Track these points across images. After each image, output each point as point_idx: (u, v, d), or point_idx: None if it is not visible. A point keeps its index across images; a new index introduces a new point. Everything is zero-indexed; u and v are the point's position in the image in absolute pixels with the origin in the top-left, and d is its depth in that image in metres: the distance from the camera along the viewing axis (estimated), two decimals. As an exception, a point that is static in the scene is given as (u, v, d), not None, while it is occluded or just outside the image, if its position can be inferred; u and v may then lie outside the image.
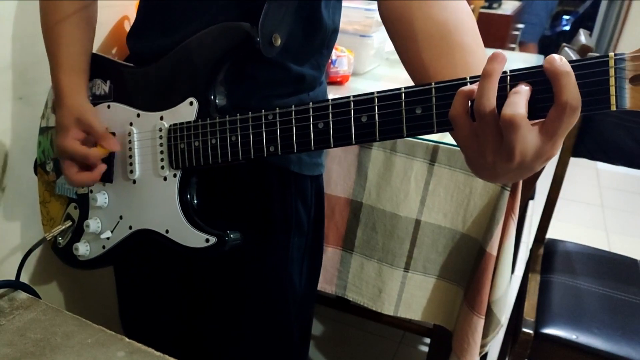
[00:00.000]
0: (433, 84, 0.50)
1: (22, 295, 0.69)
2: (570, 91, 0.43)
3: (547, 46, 4.40)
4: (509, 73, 0.47)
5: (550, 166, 1.18)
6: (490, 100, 0.45)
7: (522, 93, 0.45)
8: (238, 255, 0.70)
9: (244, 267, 0.80)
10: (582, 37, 1.51)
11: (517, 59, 2.04)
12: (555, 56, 0.44)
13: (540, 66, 0.45)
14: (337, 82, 1.35)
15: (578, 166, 2.51)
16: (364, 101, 0.54)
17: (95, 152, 0.72)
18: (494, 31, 3.21)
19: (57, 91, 0.75)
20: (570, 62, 0.45)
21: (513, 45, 3.52)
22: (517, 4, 3.74)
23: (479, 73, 0.47)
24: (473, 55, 0.57)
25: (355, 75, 1.44)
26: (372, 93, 0.54)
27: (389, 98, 0.53)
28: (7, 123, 0.92)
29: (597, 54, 0.45)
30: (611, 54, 0.44)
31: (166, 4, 0.73)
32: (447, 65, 0.57)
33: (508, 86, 0.47)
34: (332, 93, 0.92)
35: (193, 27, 0.69)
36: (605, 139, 1.32)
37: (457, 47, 0.57)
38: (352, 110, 0.55)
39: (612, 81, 0.44)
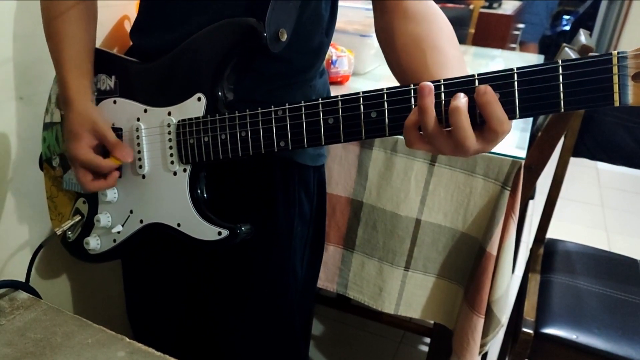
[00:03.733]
0: (442, 80, 0.52)
1: (22, 295, 0.69)
2: (496, 117, 0.50)
3: (548, 46, 4.40)
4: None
5: (551, 166, 1.18)
6: (433, 127, 0.52)
7: (460, 109, 0.50)
8: (243, 245, 0.71)
9: (248, 256, 0.81)
10: (582, 37, 1.51)
11: (518, 59, 2.04)
12: (481, 88, 0.49)
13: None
14: (338, 82, 1.35)
15: (578, 166, 2.52)
16: (374, 97, 0.55)
17: (109, 164, 0.73)
18: (494, 31, 3.20)
19: (65, 95, 0.75)
20: (575, 59, 0.47)
21: (514, 45, 3.52)
22: (518, 3, 3.74)
23: (450, 68, 0.59)
24: (444, 55, 0.65)
25: (355, 75, 1.44)
26: (382, 89, 0.54)
27: (398, 94, 0.54)
28: (8, 123, 0.92)
29: (598, 56, 0.47)
30: (614, 52, 0.45)
31: (169, 10, 0.73)
32: (421, 65, 0.65)
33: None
34: (332, 93, 0.92)
35: (198, 22, 0.69)
36: (605, 138, 1.32)
37: (429, 50, 0.65)
38: (362, 106, 0.55)
39: (615, 79, 0.45)
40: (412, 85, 0.53)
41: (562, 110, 0.48)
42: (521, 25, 3.72)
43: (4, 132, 0.92)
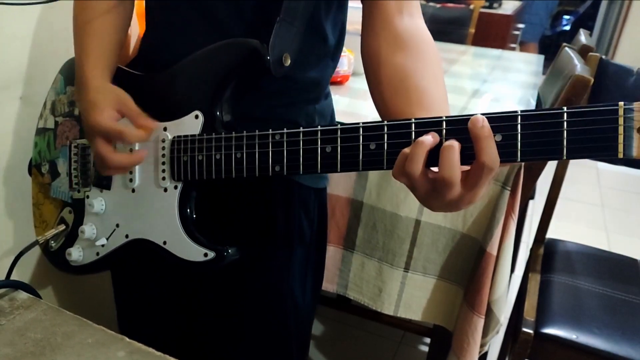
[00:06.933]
0: (444, 117, 0.51)
1: (22, 295, 0.69)
2: (488, 153, 0.47)
3: (548, 46, 4.40)
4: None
5: (551, 166, 1.18)
6: (418, 165, 0.50)
7: (454, 151, 0.48)
8: (239, 266, 0.70)
9: (245, 278, 0.80)
10: (582, 37, 1.52)
11: (518, 59, 2.04)
12: (479, 118, 0.47)
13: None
14: (337, 82, 1.35)
15: (578, 166, 2.52)
16: (374, 128, 0.54)
17: (135, 132, 0.68)
18: (495, 31, 3.21)
19: (82, 76, 0.71)
20: (581, 108, 0.45)
21: (514, 45, 3.52)
22: (518, 3, 3.74)
23: (433, 111, 0.54)
24: (428, 96, 0.63)
25: (355, 75, 1.44)
26: (382, 121, 0.54)
27: (398, 127, 0.53)
28: (7, 122, 0.92)
29: (604, 106, 0.45)
30: (621, 103, 0.44)
31: (172, 28, 0.73)
32: (403, 104, 0.63)
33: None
34: (332, 93, 0.92)
35: (201, 42, 0.68)
36: (605, 139, 1.32)
37: (413, 89, 0.63)
38: (362, 137, 0.54)
39: (620, 129, 0.44)
40: (413, 119, 0.52)
41: (564, 158, 0.47)
42: (521, 25, 3.73)
43: (3, 132, 0.92)
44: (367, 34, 0.71)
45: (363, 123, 0.54)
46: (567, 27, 5.28)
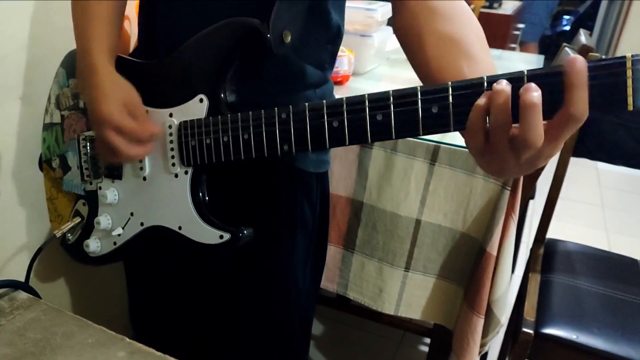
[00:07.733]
0: (450, 83, 0.50)
1: (22, 295, 0.69)
2: (580, 105, 0.44)
3: (548, 46, 4.40)
4: (526, 74, 0.47)
5: (551, 166, 1.18)
6: (506, 115, 0.46)
7: (537, 106, 0.45)
8: (244, 253, 0.70)
9: (250, 265, 0.81)
10: (583, 37, 1.51)
11: (518, 59, 2.04)
12: (580, 63, 0.43)
13: (558, 71, 0.45)
14: (338, 82, 1.35)
15: (578, 166, 2.51)
16: (379, 99, 0.53)
17: (147, 128, 0.68)
18: (495, 31, 3.20)
19: (88, 61, 0.70)
20: (588, 62, 0.45)
21: (514, 45, 3.52)
22: (518, 3, 3.74)
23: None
24: (478, 64, 0.59)
25: (355, 75, 1.44)
26: (388, 92, 0.53)
27: (404, 96, 0.52)
28: (7, 123, 0.92)
29: (611, 59, 0.44)
30: (628, 55, 0.44)
31: (172, 13, 0.73)
32: (454, 74, 0.59)
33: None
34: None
35: (201, 23, 0.68)
36: (605, 138, 1.32)
37: (463, 58, 0.59)
38: (367, 108, 0.54)
39: (629, 82, 0.44)
40: (419, 87, 0.51)
41: None
42: (521, 25, 3.72)
43: (3, 132, 0.92)
44: (399, 10, 0.68)
45: (368, 95, 0.54)
46: (567, 27, 5.28)
